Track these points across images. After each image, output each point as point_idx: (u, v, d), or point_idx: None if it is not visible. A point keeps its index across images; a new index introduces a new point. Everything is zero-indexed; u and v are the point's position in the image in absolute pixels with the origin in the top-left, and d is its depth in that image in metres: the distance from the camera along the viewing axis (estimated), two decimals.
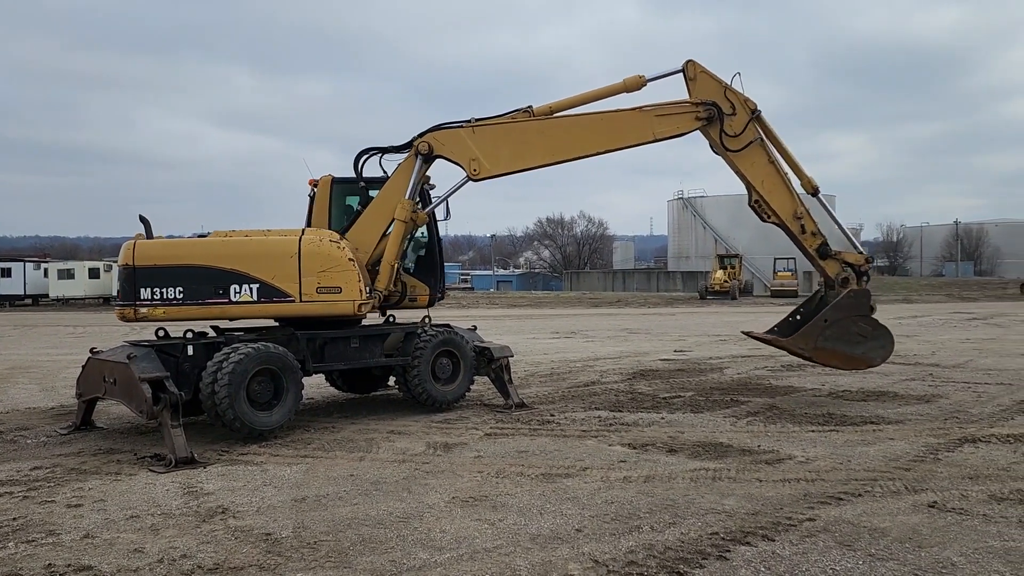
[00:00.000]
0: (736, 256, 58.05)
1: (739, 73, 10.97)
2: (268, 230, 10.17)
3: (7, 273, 51.19)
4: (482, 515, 6.26)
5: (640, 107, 10.84)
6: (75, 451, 8.81)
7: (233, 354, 8.91)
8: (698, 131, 11.07)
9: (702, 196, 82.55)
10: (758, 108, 10.95)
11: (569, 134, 10.82)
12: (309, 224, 11.07)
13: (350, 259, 9.82)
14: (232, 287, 9.60)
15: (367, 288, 10.04)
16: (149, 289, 9.54)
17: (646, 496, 6.71)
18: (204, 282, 9.59)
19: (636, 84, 10.99)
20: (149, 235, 10.17)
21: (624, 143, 10.96)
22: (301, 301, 9.67)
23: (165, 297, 9.56)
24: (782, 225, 11.12)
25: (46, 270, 52.46)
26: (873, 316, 11.05)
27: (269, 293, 9.64)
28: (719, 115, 10.86)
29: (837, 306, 10.98)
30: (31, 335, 27.08)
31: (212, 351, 9.16)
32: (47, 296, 51.68)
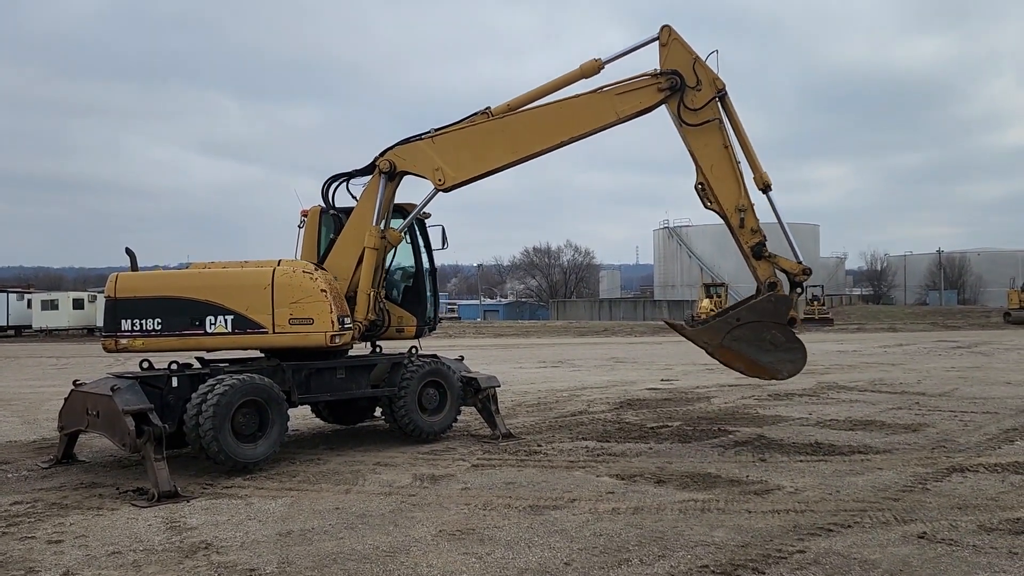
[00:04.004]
0: (722, 285, 58.20)
1: (716, 51, 10.36)
2: (246, 261, 10.13)
3: None
4: (469, 548, 6.19)
5: (598, 88, 10.40)
6: (56, 485, 8.68)
7: (218, 386, 8.83)
8: (663, 108, 10.37)
9: (687, 225, 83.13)
10: (725, 88, 10.25)
11: (529, 128, 10.52)
12: (299, 255, 11.04)
13: (322, 290, 9.70)
14: (208, 318, 9.58)
15: (342, 319, 9.89)
16: (129, 320, 9.63)
17: (635, 528, 6.66)
18: (181, 314, 9.60)
19: (593, 69, 10.52)
20: (134, 268, 10.13)
21: (588, 128, 10.46)
22: (274, 332, 9.62)
23: (144, 328, 9.60)
24: (722, 215, 10.40)
25: (29, 301, 52.14)
26: (791, 328, 10.05)
27: (243, 324, 9.59)
28: (682, 86, 10.17)
29: (753, 307, 10.15)
30: (13, 367, 26.80)
31: (197, 383, 9.07)
32: (30, 327, 51.29)
